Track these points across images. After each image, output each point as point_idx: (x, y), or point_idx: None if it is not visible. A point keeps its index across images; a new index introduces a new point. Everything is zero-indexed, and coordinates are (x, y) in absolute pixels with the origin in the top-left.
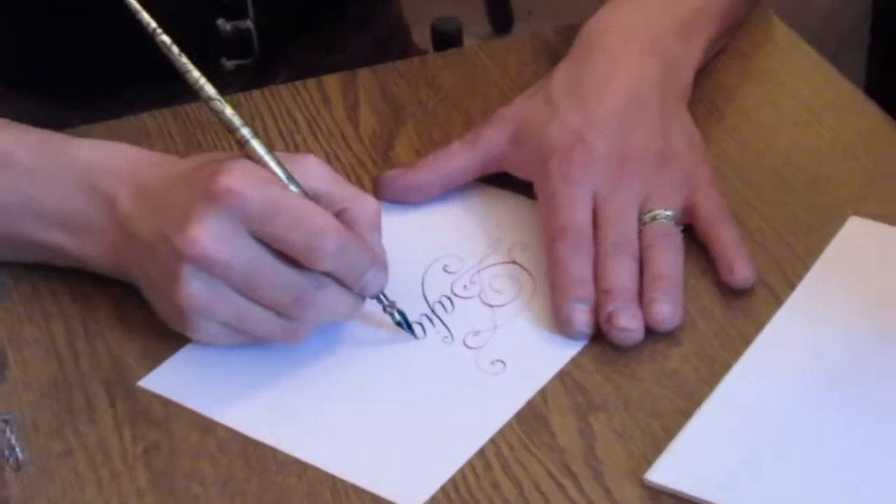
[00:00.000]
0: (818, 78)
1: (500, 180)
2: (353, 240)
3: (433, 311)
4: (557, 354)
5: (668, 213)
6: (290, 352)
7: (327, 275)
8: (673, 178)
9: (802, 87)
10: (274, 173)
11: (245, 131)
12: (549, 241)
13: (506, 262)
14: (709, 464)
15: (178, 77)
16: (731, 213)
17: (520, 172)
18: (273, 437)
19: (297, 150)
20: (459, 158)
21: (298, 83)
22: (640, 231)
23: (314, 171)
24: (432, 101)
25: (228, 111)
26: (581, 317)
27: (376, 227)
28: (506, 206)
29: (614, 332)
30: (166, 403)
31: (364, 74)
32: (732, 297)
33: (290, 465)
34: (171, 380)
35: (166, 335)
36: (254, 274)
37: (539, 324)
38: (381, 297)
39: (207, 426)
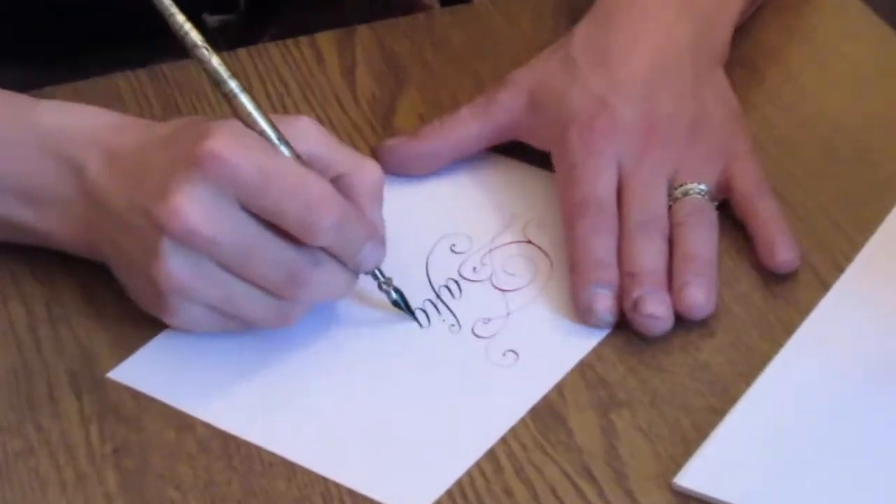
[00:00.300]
0: (871, 37)
1: (513, 150)
2: (352, 212)
3: (438, 296)
4: (577, 345)
5: (701, 187)
6: (278, 339)
7: (322, 249)
8: (707, 148)
9: (853, 46)
10: (265, 135)
11: (233, 84)
12: (568, 217)
13: (520, 242)
14: (745, 467)
15: (155, 37)
16: (772, 186)
17: (536, 141)
18: (258, 434)
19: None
20: (469, 125)
21: (289, 41)
22: (669, 207)
23: (308, 133)
24: (438, 61)
25: (215, 61)
26: (603, 303)
27: (377, 197)
28: (520, 178)
29: (640, 319)
30: (138, 397)
31: (362, 32)
32: (773, 281)
33: (278, 466)
34: (144, 371)
35: (139, 321)
36: (243, 250)
37: (556, 310)
38: (377, 273)
39: (185, 423)
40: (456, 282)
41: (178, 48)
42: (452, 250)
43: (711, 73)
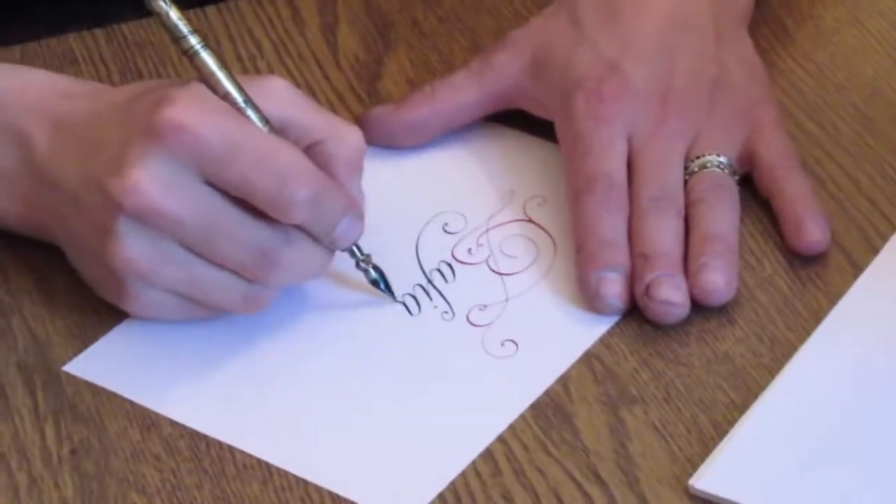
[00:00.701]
0: None
1: (513, 119)
2: (328, 184)
3: (430, 280)
4: (582, 333)
5: (722, 159)
6: (250, 327)
7: (295, 226)
8: (728, 116)
9: (892, 3)
10: (230, 98)
11: (194, 41)
12: (574, 194)
13: (520, 220)
14: (768, 469)
15: None
16: (800, 159)
17: (538, 109)
18: (230, 433)
19: None
20: (464, 92)
21: None
22: (686, 182)
23: (280, 95)
24: (430, 20)
25: (174, 14)
26: (612, 287)
27: (356, 167)
28: (520, 150)
29: (654, 305)
30: (98, 392)
31: None
32: (800, 264)
33: (252, 468)
34: (103, 363)
35: (98, 309)
36: (208, 228)
37: (560, 296)
38: (355, 249)
39: (149, 420)
40: (449, 265)
41: (132, 1)
42: (445, 230)
43: (735, 33)
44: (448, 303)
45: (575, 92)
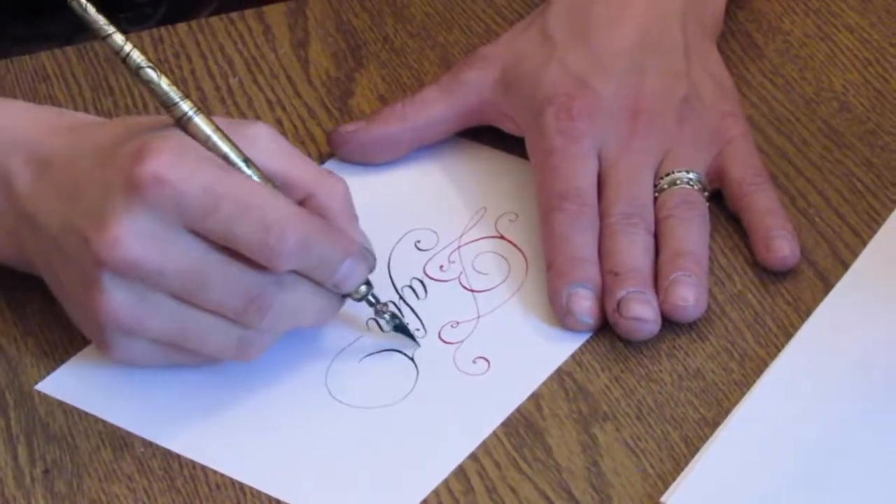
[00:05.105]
0: (881, 5)
1: (485, 135)
2: (321, 229)
3: (402, 297)
4: (554, 350)
5: (691, 175)
6: None
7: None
8: (697, 132)
9: (860, 18)
10: (230, 161)
11: (185, 106)
12: (545, 211)
13: (492, 237)
14: (741, 486)
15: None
16: (770, 174)
17: (509, 125)
18: (203, 452)
19: (231, 97)
20: (435, 107)
21: (234, 14)
22: (656, 199)
23: (266, 145)
24: (401, 36)
25: (165, 82)
26: (583, 303)
27: (351, 212)
28: (492, 166)
29: (624, 322)
30: (70, 412)
31: (315, 2)
32: (770, 279)
33: (225, 487)
34: (76, 382)
35: (70, 327)
36: (194, 277)
37: (532, 313)
38: (370, 298)
39: (122, 440)
40: (421, 281)
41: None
42: (417, 247)
43: (704, 47)
44: (420, 320)
45: (545, 108)
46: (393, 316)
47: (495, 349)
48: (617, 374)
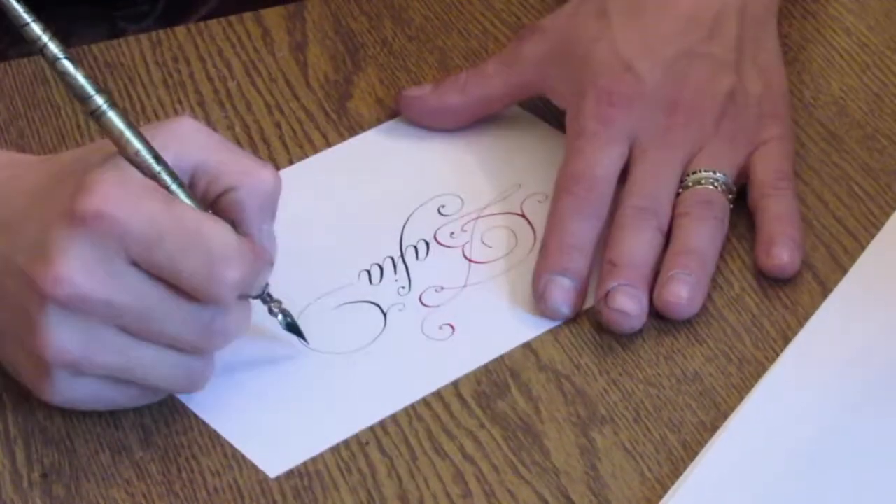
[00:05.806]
0: (879, 9)
1: (550, 108)
2: (255, 258)
3: (402, 254)
4: (521, 329)
5: (718, 176)
6: None
7: None
8: (734, 130)
9: (859, 20)
10: (140, 157)
11: (100, 100)
12: (556, 191)
13: (511, 214)
14: (739, 490)
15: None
16: (793, 179)
17: (556, 97)
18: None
19: (230, 100)
20: (493, 81)
21: (232, 17)
22: (678, 195)
23: (191, 138)
24: (399, 39)
25: (80, 75)
26: (559, 293)
27: (268, 213)
28: (543, 144)
29: (608, 312)
30: (69, 416)
31: (314, 6)
32: (769, 283)
33: (224, 491)
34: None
35: None
36: (144, 310)
37: (515, 291)
38: (266, 296)
39: (120, 444)
40: (427, 243)
41: (98, 24)
42: (440, 212)
43: (760, 38)
44: (409, 278)
45: (588, 90)
46: (285, 314)
47: (465, 318)
48: (615, 377)
